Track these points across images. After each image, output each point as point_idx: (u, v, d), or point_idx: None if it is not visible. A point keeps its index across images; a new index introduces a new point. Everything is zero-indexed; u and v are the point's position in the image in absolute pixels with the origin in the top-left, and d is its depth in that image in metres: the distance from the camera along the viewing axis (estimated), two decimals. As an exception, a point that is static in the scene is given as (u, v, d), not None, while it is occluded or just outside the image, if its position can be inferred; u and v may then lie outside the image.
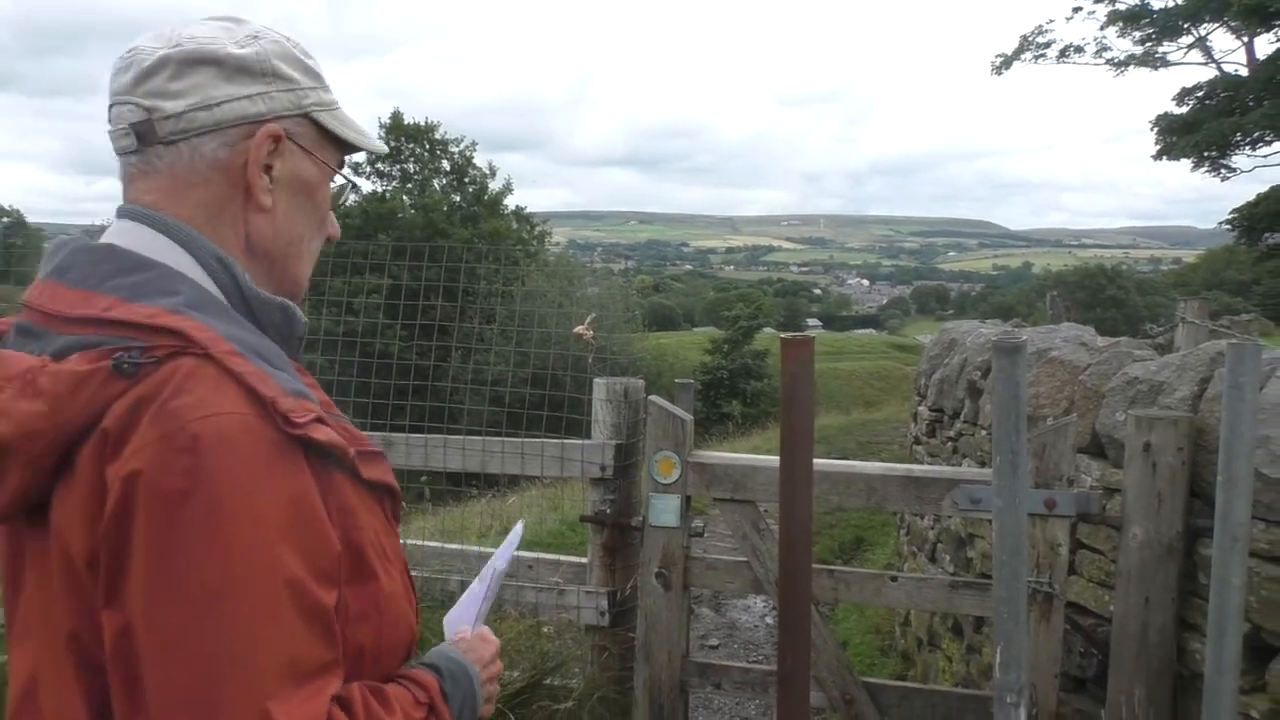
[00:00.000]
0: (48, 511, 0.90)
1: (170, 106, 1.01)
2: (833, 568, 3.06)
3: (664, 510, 3.00)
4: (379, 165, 37.12)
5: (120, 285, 0.95)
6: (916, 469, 3.00)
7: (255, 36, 1.06)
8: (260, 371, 0.93)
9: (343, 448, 0.97)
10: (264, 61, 1.05)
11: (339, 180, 1.18)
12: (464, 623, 1.32)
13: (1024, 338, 2.80)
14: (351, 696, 0.93)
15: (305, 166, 1.10)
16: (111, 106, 1.04)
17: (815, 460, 2.72)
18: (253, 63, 1.04)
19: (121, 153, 1.05)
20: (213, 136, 1.02)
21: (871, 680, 3.05)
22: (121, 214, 1.04)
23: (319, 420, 0.94)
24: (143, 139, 1.02)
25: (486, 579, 1.34)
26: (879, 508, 3.03)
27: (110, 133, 1.05)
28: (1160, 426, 2.57)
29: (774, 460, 2.57)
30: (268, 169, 1.06)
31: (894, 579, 2.97)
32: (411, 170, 37.31)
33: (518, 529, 1.44)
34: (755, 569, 3.02)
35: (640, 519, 3.07)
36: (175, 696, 0.82)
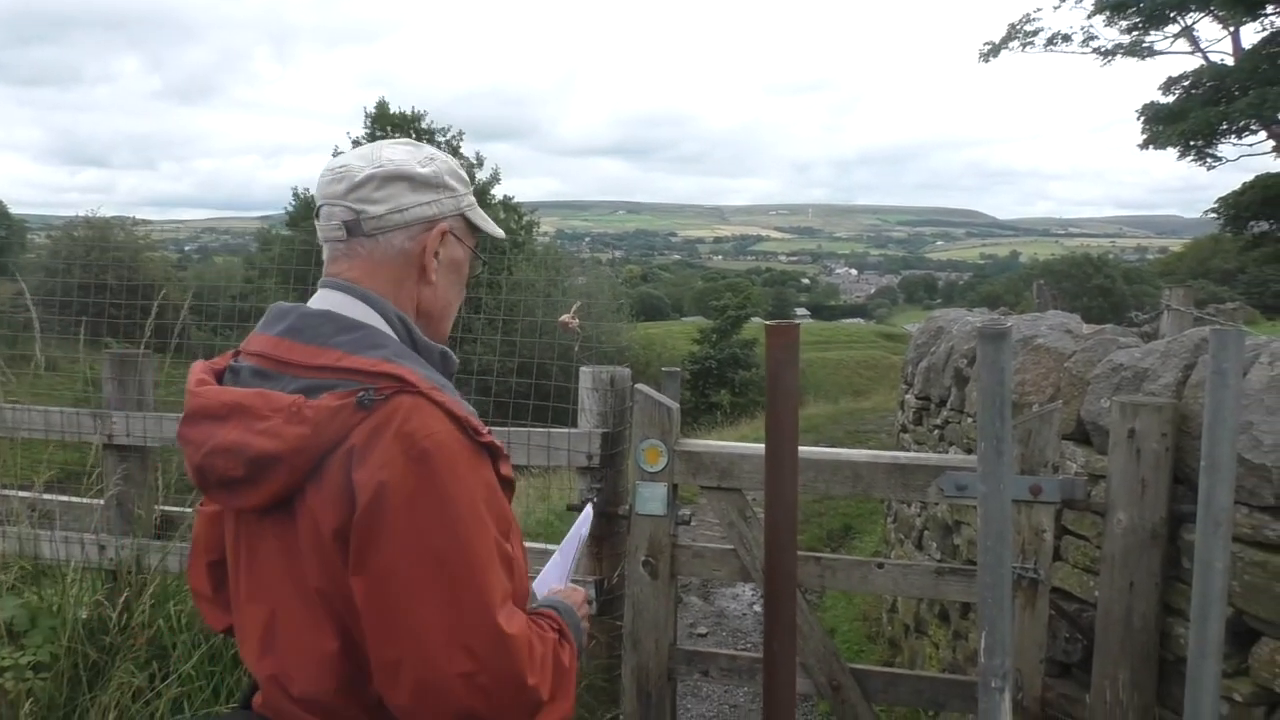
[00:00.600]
0: (289, 505, 1.27)
1: (373, 210, 1.41)
2: (819, 555, 3.06)
3: (650, 498, 2.99)
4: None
5: (343, 341, 1.32)
6: (902, 456, 2.99)
7: (431, 159, 1.48)
8: (453, 400, 1.30)
9: (501, 450, 1.36)
10: (438, 177, 1.46)
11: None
12: (555, 581, 1.69)
13: (1009, 324, 2.80)
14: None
15: (458, 251, 1.52)
16: (322, 207, 1.44)
17: (801, 448, 2.72)
18: (431, 179, 1.45)
19: (330, 240, 1.44)
20: (402, 232, 1.43)
21: (858, 666, 3.05)
22: (327, 285, 1.42)
23: (487, 430, 1.33)
24: (351, 232, 1.41)
25: (571, 547, 1.76)
26: (865, 494, 3.02)
27: (322, 225, 1.44)
28: (1145, 413, 2.58)
29: (760, 448, 2.57)
30: (435, 254, 1.46)
31: (880, 566, 2.96)
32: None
33: (589, 509, 1.93)
34: (742, 556, 3.02)
35: (627, 507, 3.06)
36: (431, 621, 1.20)
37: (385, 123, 36.84)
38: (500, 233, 1.65)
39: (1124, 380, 2.88)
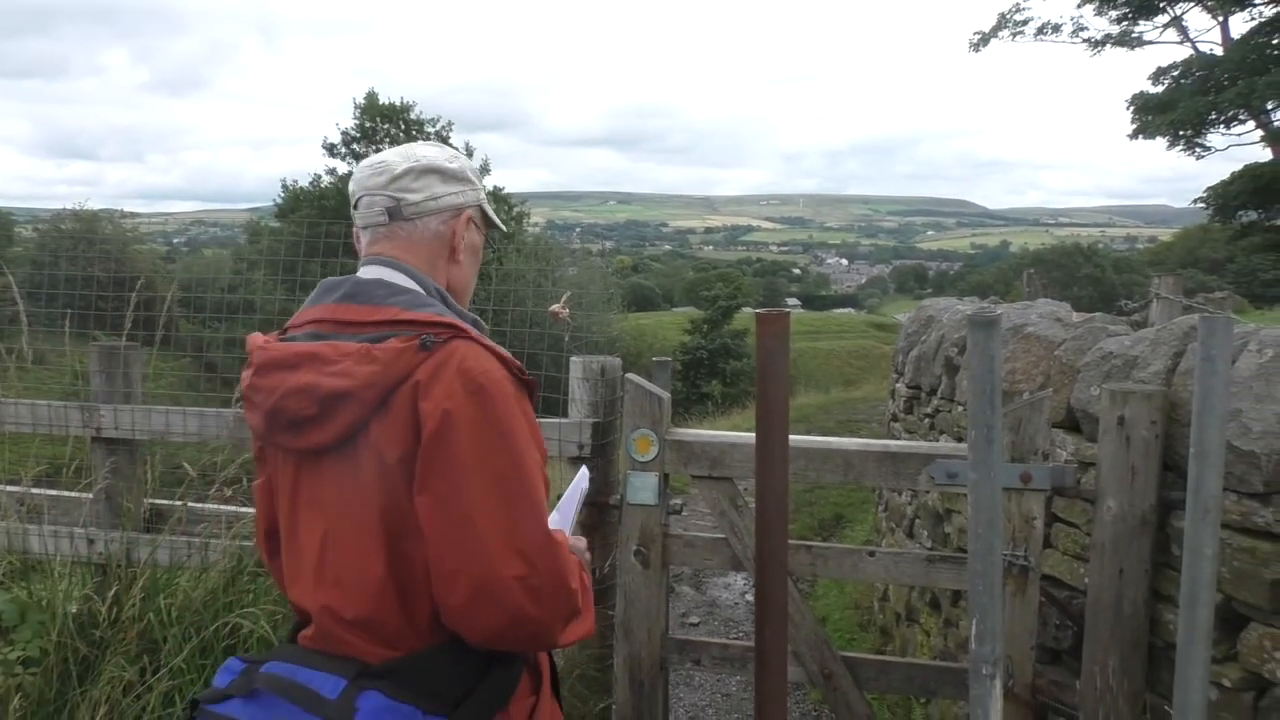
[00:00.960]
0: (351, 442, 1.45)
1: (411, 197, 1.64)
2: (810, 543, 3.07)
3: (642, 488, 2.98)
4: (354, 146, 36.80)
5: (398, 301, 1.53)
6: (893, 444, 2.99)
7: (456, 157, 1.73)
8: (497, 347, 1.52)
9: (535, 387, 1.57)
10: (463, 172, 1.71)
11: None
12: (561, 525, 1.78)
13: (1000, 312, 2.80)
14: None
15: (476, 238, 1.76)
16: (363, 197, 1.66)
17: (792, 437, 2.72)
18: (458, 173, 1.70)
19: (372, 225, 1.65)
20: (435, 217, 1.67)
21: (849, 654, 3.06)
22: (371, 261, 1.63)
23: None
24: (392, 216, 1.64)
25: (570, 504, 1.89)
26: (856, 483, 3.02)
27: (363, 213, 1.66)
28: (1134, 400, 2.59)
29: (751, 437, 2.57)
30: (464, 237, 1.70)
31: (871, 554, 2.97)
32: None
33: (585, 469, 2.05)
34: (734, 545, 3.02)
35: (618, 497, 3.06)
36: (494, 528, 1.38)
37: (374, 114, 36.69)
38: (503, 228, 1.87)
39: (1114, 368, 2.88)
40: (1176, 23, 25.47)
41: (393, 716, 1.37)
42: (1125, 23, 25.80)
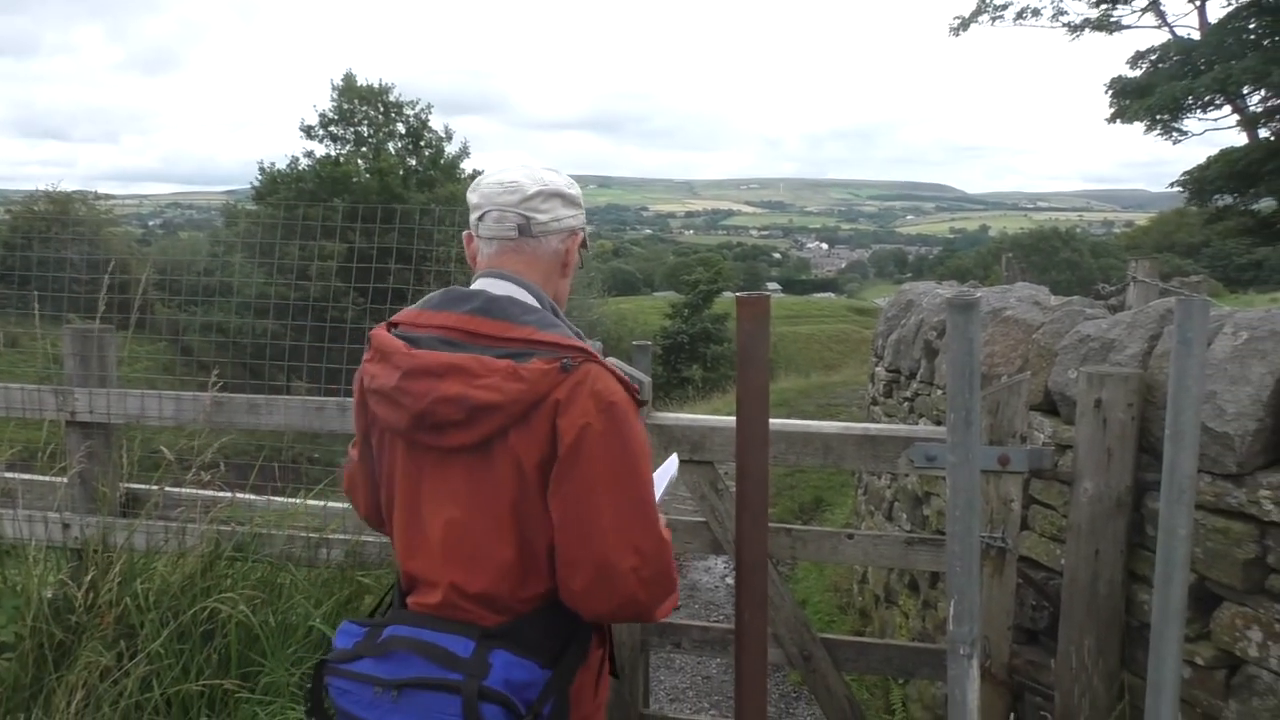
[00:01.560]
0: (487, 446, 1.66)
1: (540, 217, 1.83)
2: (790, 526, 3.06)
3: None
4: (332, 129, 36.49)
5: (530, 320, 1.71)
6: (872, 427, 3.00)
7: (572, 184, 1.91)
8: (617, 369, 1.75)
9: (645, 404, 1.95)
10: (578, 198, 1.92)
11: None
12: None
13: (979, 296, 2.81)
14: None
15: (577, 256, 1.94)
16: (491, 211, 1.83)
17: (772, 420, 2.71)
18: (575, 198, 1.90)
19: (501, 238, 1.83)
20: (556, 236, 1.86)
21: (829, 636, 3.08)
22: (498, 275, 1.81)
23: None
24: (522, 232, 1.82)
25: (665, 479, 2.10)
26: (836, 466, 3.02)
27: (494, 226, 1.83)
28: (1111, 383, 2.61)
29: (732, 421, 2.56)
30: (576, 255, 1.92)
31: (850, 537, 2.98)
32: (365, 133, 36.70)
33: (675, 457, 2.24)
34: (714, 529, 3.02)
35: None
36: (616, 526, 1.62)
37: (352, 95, 36.35)
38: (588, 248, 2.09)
39: (1091, 351, 2.90)
40: (1154, 6, 25.57)
41: (520, 670, 1.65)
42: (1104, 6, 25.87)
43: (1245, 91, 21.92)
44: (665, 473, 2.13)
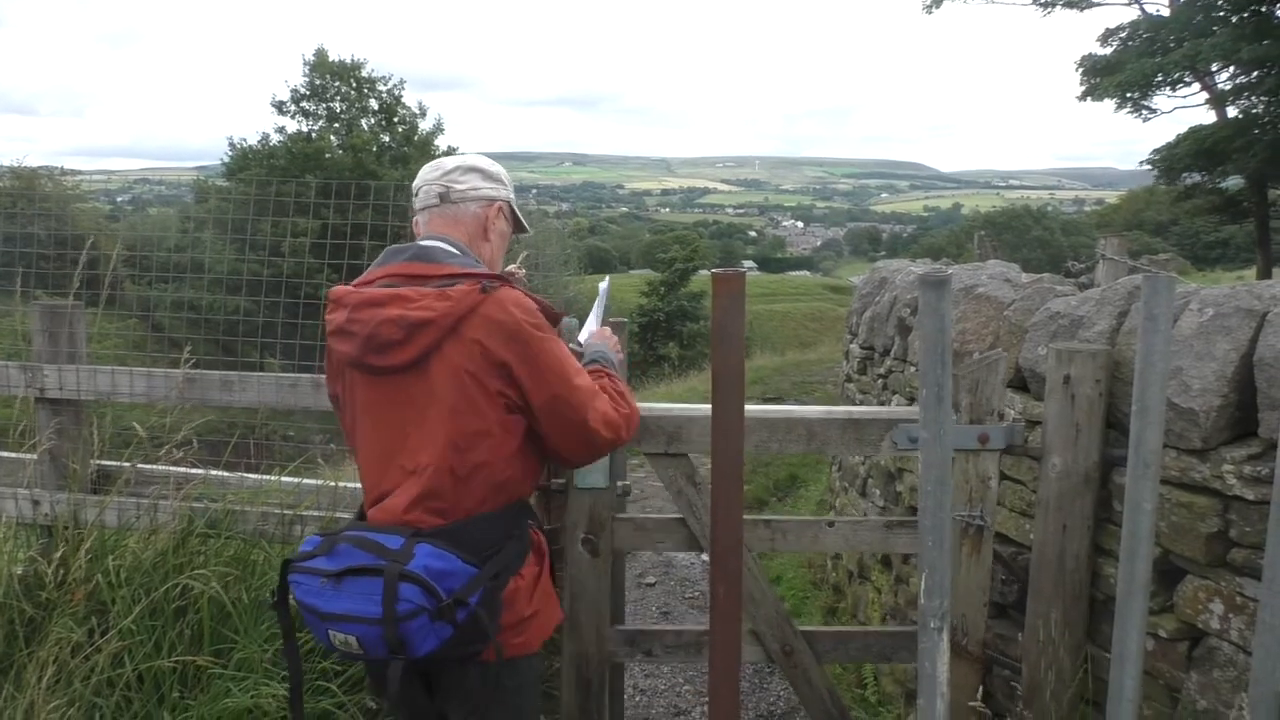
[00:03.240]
0: (424, 363, 1.99)
1: (458, 186, 2.23)
2: (769, 518, 2.96)
3: (590, 470, 2.73)
4: (304, 104, 36.07)
5: (454, 260, 2.09)
6: (856, 411, 2.94)
7: (494, 165, 2.31)
8: (531, 292, 2.09)
9: (559, 318, 2.19)
10: (498, 174, 2.30)
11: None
12: (591, 327, 2.57)
13: (951, 272, 2.83)
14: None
15: (505, 227, 2.32)
16: (422, 188, 2.26)
17: (754, 408, 2.69)
18: (494, 174, 2.29)
19: (427, 207, 2.24)
20: (475, 203, 2.24)
21: (808, 628, 2.99)
22: (428, 237, 2.19)
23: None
24: (442, 199, 2.23)
25: (599, 305, 2.62)
26: (820, 452, 2.99)
27: (422, 199, 2.26)
28: (1079, 359, 2.64)
29: (709, 409, 2.54)
30: (495, 222, 2.27)
31: (831, 524, 2.92)
32: (338, 109, 36.30)
33: (608, 280, 2.65)
34: (691, 525, 2.88)
35: (561, 481, 2.81)
36: (574, 400, 2.06)
37: (324, 70, 35.92)
38: (527, 229, 2.42)
39: (1060, 328, 2.93)
40: (1126, -16, 25.65)
41: (440, 560, 1.89)
42: (1076, -18, 25.92)
43: (1214, 69, 22.07)
44: (602, 297, 2.57)
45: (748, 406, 2.78)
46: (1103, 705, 2.41)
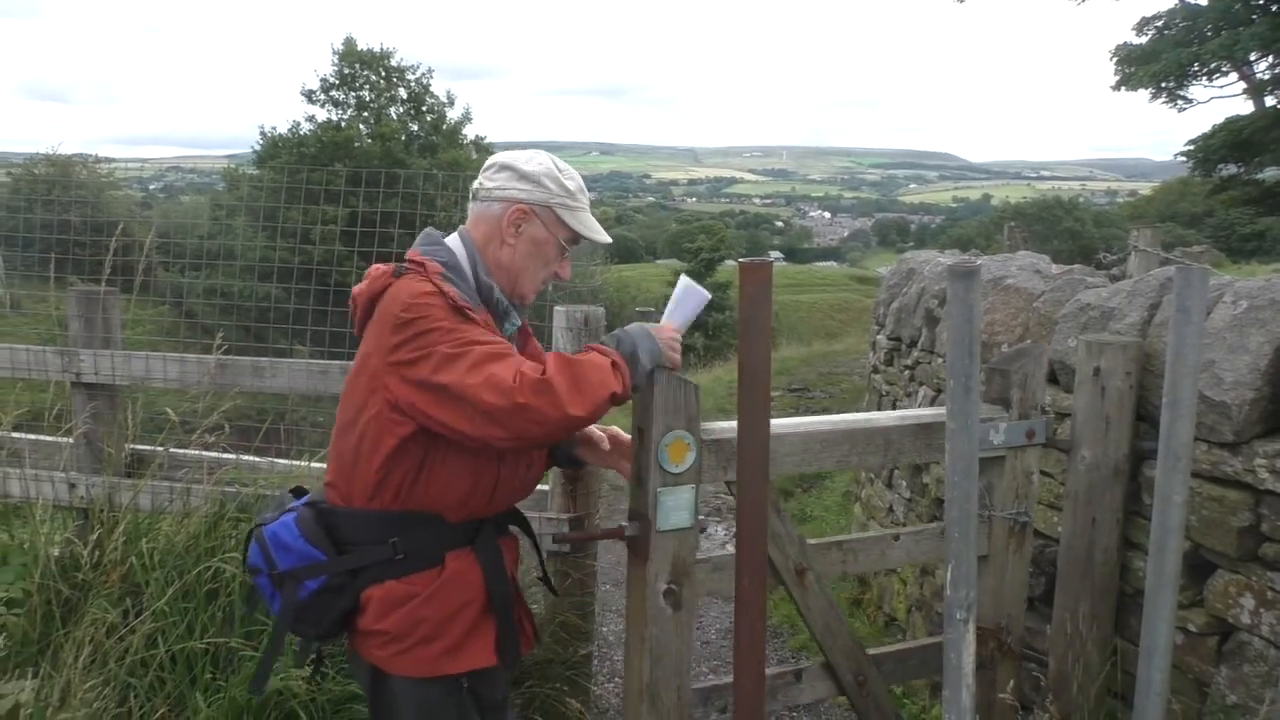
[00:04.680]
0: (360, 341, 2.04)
1: (487, 184, 2.14)
2: (840, 539, 2.68)
3: (675, 508, 2.23)
4: (333, 94, 36.24)
5: (428, 250, 2.07)
6: (925, 414, 2.69)
7: (539, 162, 2.16)
8: (445, 283, 1.97)
9: (477, 319, 1.97)
10: (535, 174, 2.12)
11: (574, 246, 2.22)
12: (666, 320, 2.19)
13: (980, 263, 2.81)
14: (542, 361, 1.93)
15: (540, 232, 2.13)
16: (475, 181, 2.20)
17: (837, 417, 2.59)
18: (529, 174, 2.12)
19: (469, 199, 2.18)
20: (498, 203, 2.12)
21: (875, 652, 2.76)
22: (458, 232, 2.16)
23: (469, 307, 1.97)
24: (474, 196, 2.17)
25: (678, 301, 2.18)
26: (895, 462, 2.75)
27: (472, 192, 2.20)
28: (1110, 351, 2.62)
29: (796, 424, 2.42)
30: (518, 226, 2.11)
31: (896, 538, 2.71)
32: (367, 98, 36.45)
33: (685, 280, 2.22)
34: (775, 558, 2.44)
35: (636, 525, 2.29)
36: (466, 381, 1.85)
37: (353, 59, 36.06)
38: (603, 238, 2.23)
39: (1091, 319, 2.91)
40: (1163, -27, 25.26)
41: (286, 532, 2.01)
42: (1112, -28, 25.56)
43: (1252, 58, 21.70)
44: (689, 298, 2.18)
45: (826, 418, 2.60)
46: (1129, 699, 2.41)
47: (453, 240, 2.11)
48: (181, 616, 2.83)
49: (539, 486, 3.38)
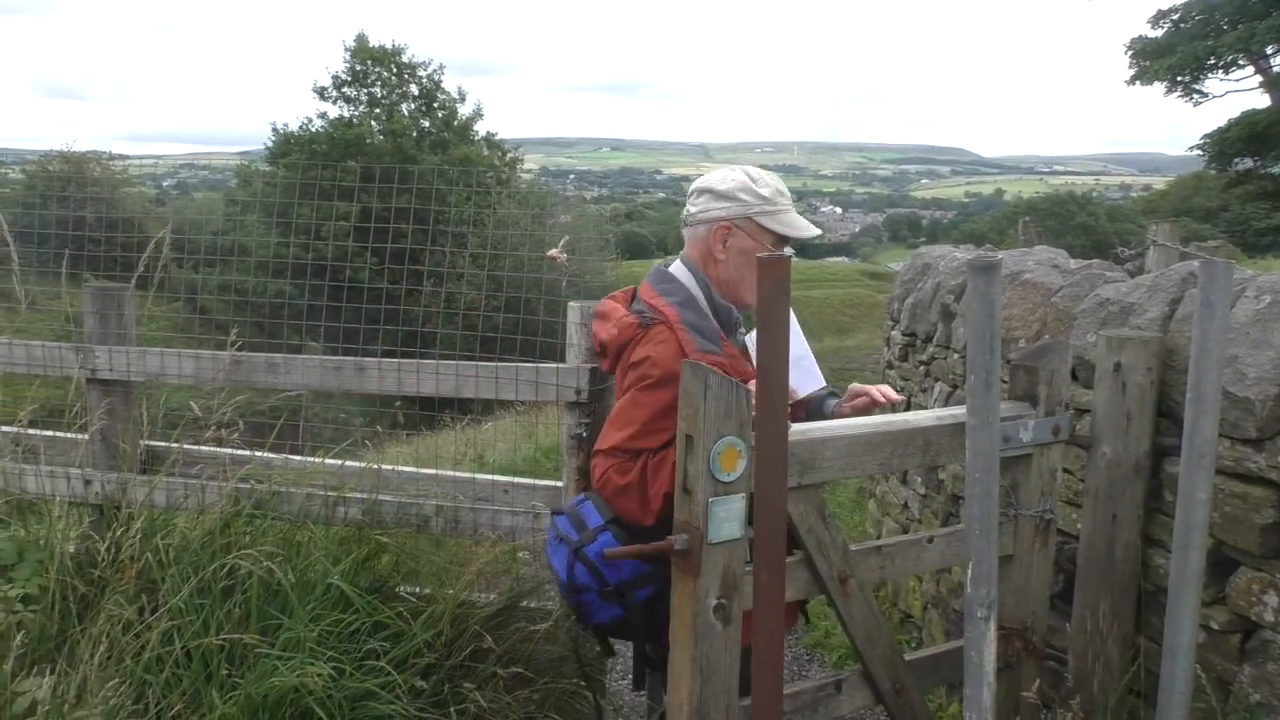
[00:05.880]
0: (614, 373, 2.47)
1: (691, 209, 2.43)
2: (879, 544, 2.55)
3: (727, 518, 2.08)
4: (345, 90, 36.33)
5: (660, 289, 2.40)
6: (960, 413, 2.47)
7: (733, 179, 2.41)
8: (687, 336, 2.30)
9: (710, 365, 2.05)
10: (730, 191, 2.38)
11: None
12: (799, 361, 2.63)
13: (1000, 257, 2.78)
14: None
15: (746, 243, 2.39)
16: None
17: (870, 419, 2.53)
18: (725, 192, 2.38)
19: (681, 225, 2.52)
20: (703, 225, 2.42)
21: (911, 658, 2.66)
22: (680, 256, 2.51)
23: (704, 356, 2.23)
24: (684, 223, 2.46)
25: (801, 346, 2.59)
26: (934, 463, 2.62)
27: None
28: (1130, 346, 2.59)
29: (845, 426, 2.36)
30: (724, 242, 2.40)
31: (930, 540, 2.60)
32: (379, 94, 36.52)
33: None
34: (818, 565, 2.34)
35: (683, 537, 2.10)
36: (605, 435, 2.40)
37: (365, 56, 36.15)
38: (808, 233, 2.48)
39: (1110, 314, 2.88)
40: (1178, -35, 25.09)
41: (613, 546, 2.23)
42: (1126, -35, 25.37)
43: (1269, 52, 21.56)
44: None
45: (864, 420, 2.50)
46: (1151, 697, 2.39)
47: (678, 270, 2.42)
48: (198, 613, 2.83)
49: (555, 484, 3.39)
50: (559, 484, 3.34)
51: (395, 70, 36.57)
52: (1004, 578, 2.48)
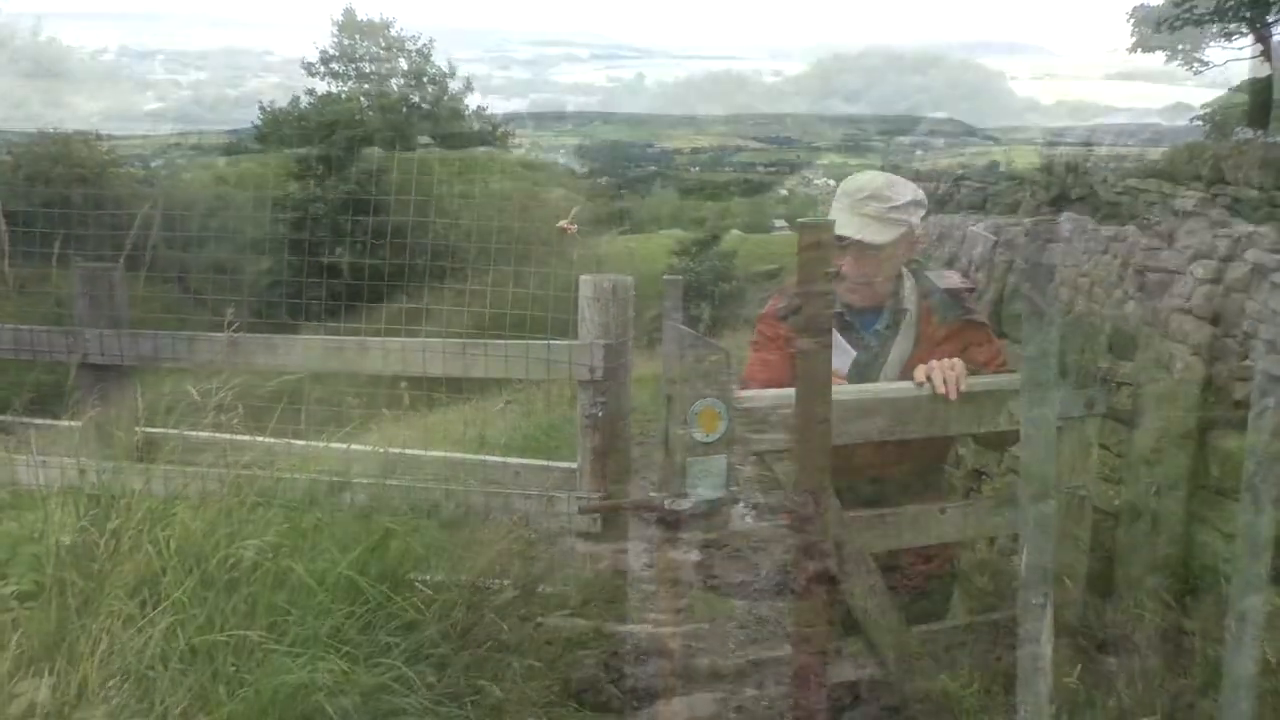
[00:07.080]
0: None
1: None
2: (882, 512, 2.49)
3: (705, 473, 2.12)
4: (333, 65, 36.00)
5: None
6: (977, 383, 2.45)
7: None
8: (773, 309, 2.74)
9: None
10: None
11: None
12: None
13: (1063, 219, 2.65)
14: None
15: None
16: None
17: (857, 387, 2.41)
18: None
19: None
20: None
21: (923, 629, 2.60)
22: None
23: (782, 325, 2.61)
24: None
25: None
26: (942, 433, 2.50)
27: None
28: (1174, 318, 2.48)
29: (841, 389, 2.20)
30: None
31: (942, 511, 2.56)
32: (367, 69, 36.19)
33: None
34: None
35: (676, 500, 2.14)
36: None
37: (352, 31, 35.77)
38: (845, 231, 2.43)
39: (1149, 284, 2.77)
40: (1177, -70, 24.82)
41: None
42: (1125, -69, 25.14)
43: (1270, 20, 21.37)
44: None
45: (855, 386, 2.45)
46: (1194, 679, 2.29)
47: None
48: (201, 607, 2.71)
49: (569, 465, 3.28)
50: (573, 465, 3.23)
51: (384, 44, 36.21)
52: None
